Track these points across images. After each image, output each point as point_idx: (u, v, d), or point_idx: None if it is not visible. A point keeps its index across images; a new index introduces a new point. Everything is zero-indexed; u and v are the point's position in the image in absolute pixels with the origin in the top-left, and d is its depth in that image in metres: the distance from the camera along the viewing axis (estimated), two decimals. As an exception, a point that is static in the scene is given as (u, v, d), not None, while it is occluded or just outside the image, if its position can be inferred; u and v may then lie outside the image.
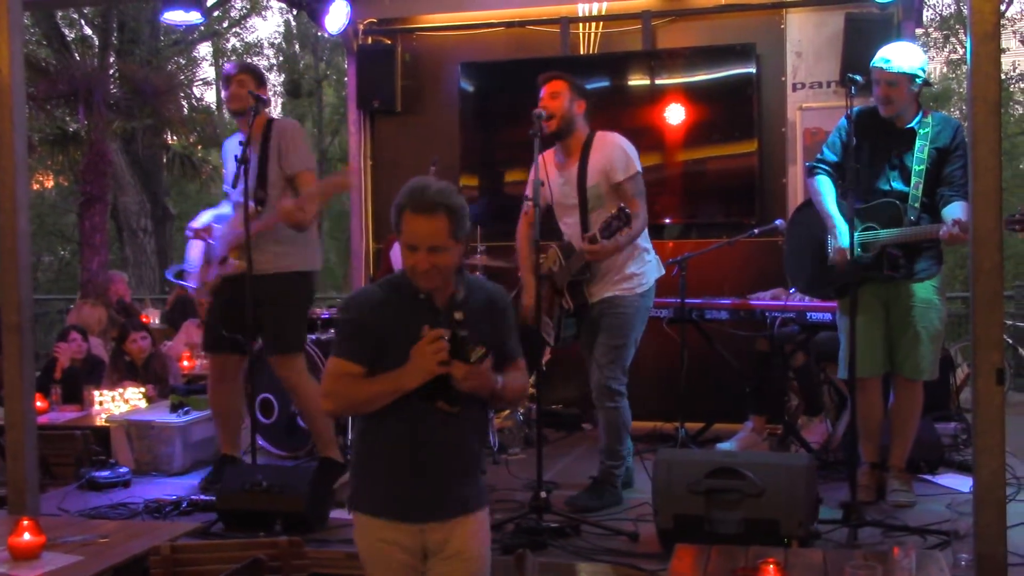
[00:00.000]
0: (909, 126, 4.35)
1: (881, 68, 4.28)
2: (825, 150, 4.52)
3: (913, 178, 4.30)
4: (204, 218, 5.03)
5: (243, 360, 4.85)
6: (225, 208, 5.01)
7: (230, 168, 4.84)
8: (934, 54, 20.28)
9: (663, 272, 4.74)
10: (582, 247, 4.37)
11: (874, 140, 4.36)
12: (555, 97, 4.47)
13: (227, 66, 4.98)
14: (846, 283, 4.24)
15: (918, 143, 4.31)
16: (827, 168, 4.47)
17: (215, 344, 4.85)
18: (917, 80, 4.30)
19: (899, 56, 4.28)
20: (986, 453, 3.23)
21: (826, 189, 4.43)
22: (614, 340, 4.48)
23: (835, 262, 4.34)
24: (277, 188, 4.70)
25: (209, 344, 4.95)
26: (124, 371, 6.46)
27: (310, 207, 4.58)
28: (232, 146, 4.93)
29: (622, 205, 4.25)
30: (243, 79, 4.77)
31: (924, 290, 4.35)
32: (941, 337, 4.50)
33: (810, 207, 4.61)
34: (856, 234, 4.22)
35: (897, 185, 4.34)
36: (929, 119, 4.35)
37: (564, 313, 4.55)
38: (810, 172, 4.55)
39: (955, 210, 4.15)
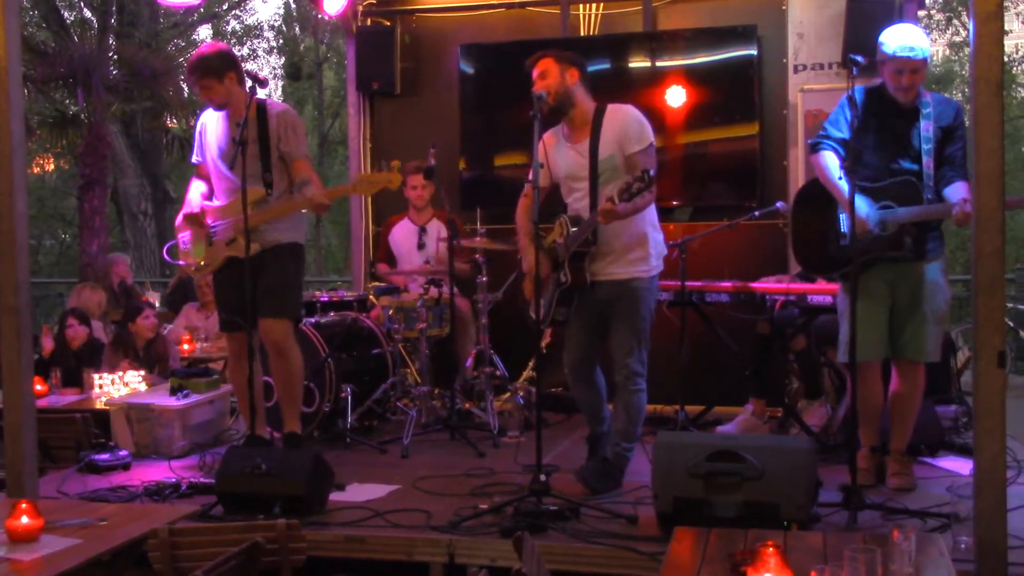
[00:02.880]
0: (911, 105, 4.31)
1: (907, 57, 4.18)
2: (828, 126, 4.40)
3: (924, 157, 4.26)
4: (194, 201, 5.01)
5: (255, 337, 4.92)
6: (200, 187, 5.03)
7: (212, 144, 4.92)
8: (936, 36, 20.20)
9: (665, 252, 4.66)
10: (600, 207, 4.24)
11: (879, 120, 4.30)
12: (544, 77, 4.45)
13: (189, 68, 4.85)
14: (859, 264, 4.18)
15: (922, 122, 4.27)
16: (833, 143, 4.35)
17: (229, 323, 4.96)
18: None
19: (920, 41, 4.21)
20: (987, 436, 3.23)
21: (833, 164, 4.32)
22: (637, 324, 4.43)
23: (857, 234, 4.14)
24: (277, 171, 4.83)
25: (224, 324, 5.07)
26: (125, 353, 6.47)
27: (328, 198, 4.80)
28: (212, 122, 4.94)
29: (644, 168, 4.17)
30: (208, 84, 4.74)
31: (933, 271, 4.31)
32: (946, 320, 4.47)
33: (813, 187, 4.50)
34: (875, 212, 4.19)
35: (907, 164, 4.29)
36: (928, 99, 4.31)
37: (560, 288, 4.45)
38: (814, 148, 4.41)
39: (958, 190, 4.13)
